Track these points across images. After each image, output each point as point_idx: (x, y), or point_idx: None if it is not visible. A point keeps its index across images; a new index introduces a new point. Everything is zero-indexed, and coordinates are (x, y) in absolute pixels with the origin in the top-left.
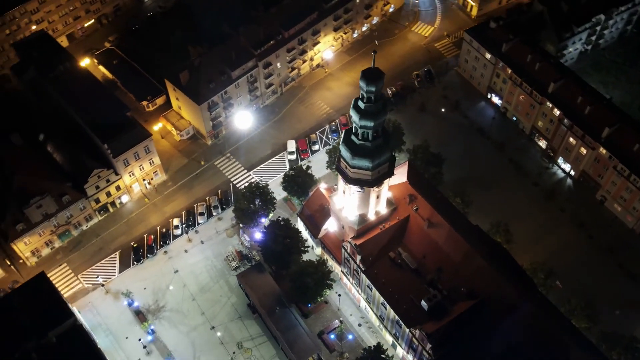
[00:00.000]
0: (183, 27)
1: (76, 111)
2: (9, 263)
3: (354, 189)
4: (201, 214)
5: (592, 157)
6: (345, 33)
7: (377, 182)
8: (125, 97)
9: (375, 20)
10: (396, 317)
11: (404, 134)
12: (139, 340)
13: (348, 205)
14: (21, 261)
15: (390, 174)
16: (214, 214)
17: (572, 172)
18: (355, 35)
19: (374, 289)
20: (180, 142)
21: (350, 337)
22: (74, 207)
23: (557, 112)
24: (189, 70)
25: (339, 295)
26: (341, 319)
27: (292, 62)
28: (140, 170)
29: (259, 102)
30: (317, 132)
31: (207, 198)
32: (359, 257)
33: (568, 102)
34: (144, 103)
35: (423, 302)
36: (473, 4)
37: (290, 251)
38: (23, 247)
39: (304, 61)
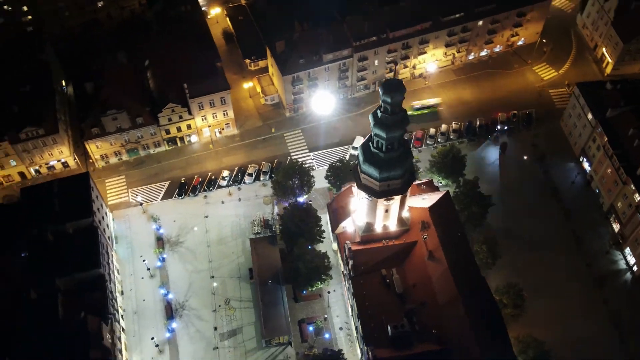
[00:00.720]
0: (304, 2)
1: (177, 48)
2: (75, 158)
3: (363, 195)
4: (250, 175)
5: None
6: (458, 52)
7: (384, 194)
8: (237, 51)
9: (497, 48)
10: None
11: (466, 165)
12: (144, 261)
13: (359, 210)
14: (91, 161)
15: (401, 191)
16: (261, 179)
17: (635, 268)
18: (470, 57)
19: None
20: (263, 105)
21: (327, 335)
22: (145, 130)
23: (637, 197)
24: (286, 41)
25: (329, 292)
26: (326, 316)
27: (391, 64)
28: (213, 117)
29: (348, 92)
30: None
31: (262, 163)
32: (350, 262)
33: None
34: (247, 61)
35: (389, 328)
36: (610, 60)
37: (302, 234)
38: (95, 149)
39: (405, 66)
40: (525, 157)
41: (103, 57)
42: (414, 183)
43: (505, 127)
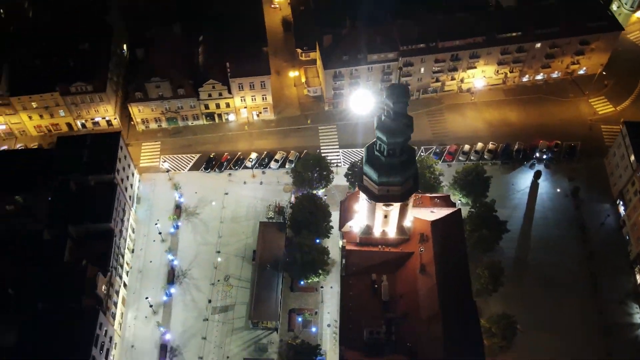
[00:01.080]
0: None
1: (229, 28)
2: (116, 118)
3: (363, 196)
4: (276, 161)
5: None
6: (511, 71)
7: (382, 199)
8: (292, 40)
9: (556, 74)
10: None
11: (489, 187)
12: (155, 224)
13: (361, 211)
14: (132, 123)
15: (401, 199)
16: (287, 166)
17: None
18: (524, 79)
19: None
20: (305, 96)
21: (313, 329)
22: (185, 101)
23: None
24: (334, 36)
25: (322, 287)
26: (317, 310)
27: (437, 74)
28: (252, 100)
29: None
30: (422, 147)
31: (291, 151)
32: (343, 261)
33: None
34: (299, 51)
35: (365, 332)
36: None
37: (308, 226)
38: (137, 112)
39: (453, 79)
40: (558, 190)
41: (159, 26)
42: (427, 195)
43: (545, 156)
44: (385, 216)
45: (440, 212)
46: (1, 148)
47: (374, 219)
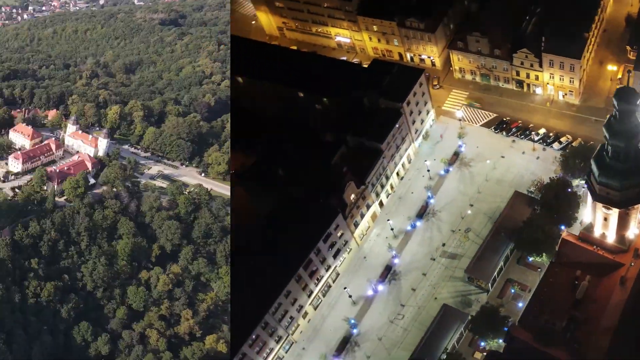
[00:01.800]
0: None
1: (562, 5)
2: (437, 58)
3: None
4: (560, 142)
5: None
6: None
7: (601, 199)
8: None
9: None
10: None
11: None
12: (425, 161)
13: (588, 208)
14: (451, 69)
15: (619, 205)
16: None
17: None
18: None
19: None
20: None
21: (520, 304)
22: (499, 62)
23: None
24: None
25: (539, 269)
26: (531, 289)
27: None
28: (560, 80)
29: None
30: None
31: (578, 139)
32: (556, 248)
33: None
34: (628, 48)
35: (544, 319)
36: None
37: (551, 208)
38: (456, 61)
39: None
40: None
41: None
42: None
43: None
44: (605, 219)
45: None
46: (341, 58)
47: (594, 219)
